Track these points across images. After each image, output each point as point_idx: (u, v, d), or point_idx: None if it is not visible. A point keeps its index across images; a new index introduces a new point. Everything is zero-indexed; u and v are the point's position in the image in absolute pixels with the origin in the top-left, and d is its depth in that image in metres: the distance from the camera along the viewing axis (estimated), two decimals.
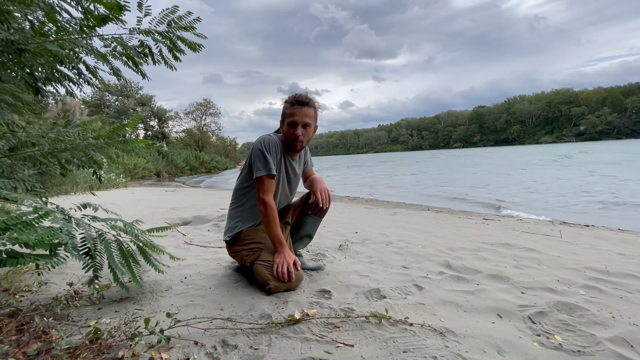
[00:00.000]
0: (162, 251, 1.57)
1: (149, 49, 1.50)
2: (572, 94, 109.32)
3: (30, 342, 1.01)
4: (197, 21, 1.44)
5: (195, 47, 1.53)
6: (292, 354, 1.09)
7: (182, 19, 1.41)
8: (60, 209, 1.36)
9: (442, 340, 1.18)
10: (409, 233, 3.29)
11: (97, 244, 1.37)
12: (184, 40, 1.49)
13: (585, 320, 1.34)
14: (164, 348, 1.10)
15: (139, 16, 1.35)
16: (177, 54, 1.53)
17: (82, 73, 1.52)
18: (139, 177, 17.53)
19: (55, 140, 1.41)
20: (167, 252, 1.66)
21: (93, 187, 8.56)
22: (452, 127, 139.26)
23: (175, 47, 1.50)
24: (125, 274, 1.36)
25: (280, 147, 1.77)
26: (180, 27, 1.43)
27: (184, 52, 1.53)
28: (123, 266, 1.38)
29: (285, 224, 1.95)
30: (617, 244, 3.13)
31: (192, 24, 1.43)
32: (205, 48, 1.57)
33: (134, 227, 1.49)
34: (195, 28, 1.45)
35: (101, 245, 1.37)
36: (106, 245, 1.37)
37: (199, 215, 4.27)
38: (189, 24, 1.43)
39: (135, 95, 29.43)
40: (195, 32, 1.46)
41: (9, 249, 1.04)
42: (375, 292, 1.61)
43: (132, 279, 1.40)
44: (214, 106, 39.51)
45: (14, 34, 1.18)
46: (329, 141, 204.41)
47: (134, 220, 1.63)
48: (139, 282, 1.44)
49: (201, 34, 1.50)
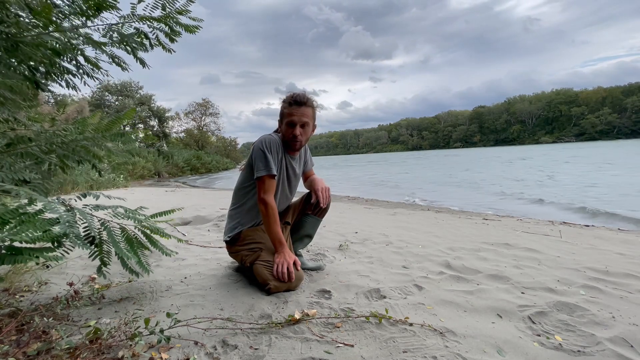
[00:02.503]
0: (168, 235, 1.56)
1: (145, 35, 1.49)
2: (572, 94, 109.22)
3: (30, 342, 1.01)
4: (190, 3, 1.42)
5: (191, 29, 1.52)
6: (292, 354, 1.09)
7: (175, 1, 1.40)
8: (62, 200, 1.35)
9: (442, 340, 1.18)
10: (409, 233, 3.29)
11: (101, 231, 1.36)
12: (179, 22, 1.48)
13: (585, 320, 1.34)
14: (164, 348, 1.10)
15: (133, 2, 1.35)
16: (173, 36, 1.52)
17: (81, 64, 1.51)
18: (139, 177, 17.54)
19: (54, 135, 1.41)
20: (173, 235, 1.65)
21: (93, 186, 8.56)
22: (452, 127, 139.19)
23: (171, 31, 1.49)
24: (131, 259, 1.35)
25: (280, 147, 1.77)
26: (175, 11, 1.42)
27: (180, 34, 1.53)
28: (129, 251, 1.37)
29: (285, 224, 1.95)
30: (617, 244, 3.13)
31: (185, 6, 1.42)
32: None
33: (137, 213, 1.48)
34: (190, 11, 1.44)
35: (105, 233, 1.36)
36: (109, 233, 1.36)
37: (199, 215, 4.27)
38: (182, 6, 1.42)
39: (135, 95, 29.41)
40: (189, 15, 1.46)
41: (8, 245, 1.03)
42: (375, 292, 1.61)
43: (138, 264, 1.39)
44: (213, 106, 39.53)
45: (10, 27, 1.17)
46: (329, 141, 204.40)
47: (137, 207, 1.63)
48: (145, 268, 1.43)
49: (196, 17, 1.49)
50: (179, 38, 1.55)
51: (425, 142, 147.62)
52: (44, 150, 1.37)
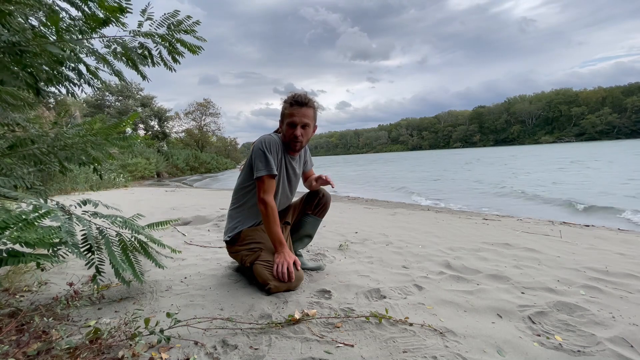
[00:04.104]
0: (162, 244, 1.57)
1: (148, 51, 1.50)
2: (572, 94, 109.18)
3: (30, 342, 1.01)
4: (196, 24, 1.45)
5: (194, 50, 1.54)
6: (292, 354, 1.09)
7: (181, 23, 1.43)
8: (61, 206, 1.36)
9: (442, 340, 1.18)
10: (409, 233, 3.29)
11: (99, 240, 1.37)
12: (184, 43, 1.50)
13: (585, 320, 1.34)
14: (164, 348, 1.10)
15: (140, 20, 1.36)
16: (177, 56, 1.54)
17: (83, 74, 1.52)
18: (139, 177, 17.53)
19: (55, 138, 1.41)
20: (168, 245, 1.66)
21: (93, 187, 8.56)
22: (452, 127, 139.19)
23: (174, 50, 1.51)
24: (126, 270, 1.36)
25: (281, 147, 1.77)
26: (180, 30, 1.44)
27: (183, 55, 1.55)
28: (124, 262, 1.38)
29: (285, 224, 1.95)
30: (617, 244, 3.13)
31: (192, 27, 1.45)
32: (205, 50, 1.58)
33: (134, 222, 1.49)
34: (195, 31, 1.46)
35: (102, 242, 1.37)
36: (107, 242, 1.37)
37: (199, 215, 4.27)
38: (188, 27, 1.44)
39: (136, 96, 29.41)
40: (195, 35, 1.47)
41: (9, 248, 1.04)
42: (375, 292, 1.61)
43: (133, 275, 1.40)
44: (213, 106, 39.52)
45: (15, 36, 1.18)
46: (329, 141, 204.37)
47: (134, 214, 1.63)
48: (140, 278, 1.44)
49: (201, 37, 1.50)
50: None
51: (425, 142, 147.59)
52: (45, 153, 1.37)
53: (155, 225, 1.63)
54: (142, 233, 1.46)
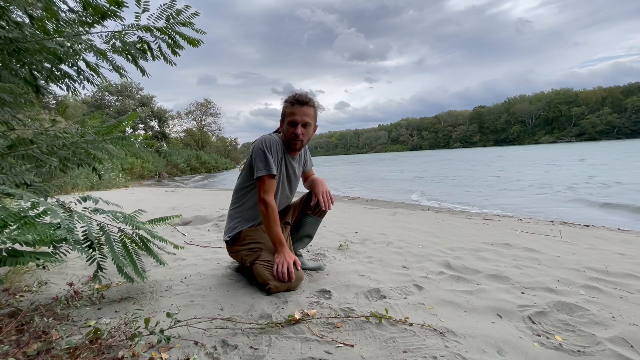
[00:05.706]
0: (164, 240, 1.56)
1: (147, 45, 1.49)
2: (572, 94, 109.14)
3: (30, 342, 1.01)
4: (195, 15, 1.42)
5: (194, 42, 1.52)
6: (292, 354, 1.09)
7: (180, 14, 1.40)
8: (61, 203, 1.35)
9: (442, 340, 1.18)
10: (409, 233, 3.29)
11: (100, 236, 1.36)
12: (183, 35, 1.48)
13: (585, 320, 1.34)
14: (164, 348, 1.10)
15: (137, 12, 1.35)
16: (176, 49, 1.53)
17: (82, 70, 1.52)
18: (139, 177, 17.53)
19: (54, 138, 1.41)
20: (170, 242, 1.66)
21: (93, 186, 8.56)
22: (452, 127, 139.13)
23: (174, 43, 1.49)
24: (127, 266, 1.36)
25: (281, 147, 1.77)
26: (179, 23, 1.42)
27: (182, 47, 1.53)
28: (125, 258, 1.38)
29: (285, 224, 1.95)
30: (617, 244, 3.13)
31: (190, 19, 1.42)
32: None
33: (135, 218, 1.48)
34: (193, 24, 1.45)
35: (103, 238, 1.37)
36: (107, 238, 1.37)
37: (199, 215, 4.27)
38: (187, 19, 1.42)
39: (136, 96, 29.40)
40: (193, 27, 1.46)
41: (9, 247, 1.04)
42: (375, 292, 1.61)
43: (134, 271, 1.40)
44: (214, 106, 39.53)
45: (12, 31, 1.17)
46: (329, 141, 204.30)
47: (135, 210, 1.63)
48: (141, 275, 1.43)
49: (200, 30, 1.49)
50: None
51: (425, 142, 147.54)
52: (45, 152, 1.37)
53: (157, 221, 1.62)
54: (142, 228, 1.46)
